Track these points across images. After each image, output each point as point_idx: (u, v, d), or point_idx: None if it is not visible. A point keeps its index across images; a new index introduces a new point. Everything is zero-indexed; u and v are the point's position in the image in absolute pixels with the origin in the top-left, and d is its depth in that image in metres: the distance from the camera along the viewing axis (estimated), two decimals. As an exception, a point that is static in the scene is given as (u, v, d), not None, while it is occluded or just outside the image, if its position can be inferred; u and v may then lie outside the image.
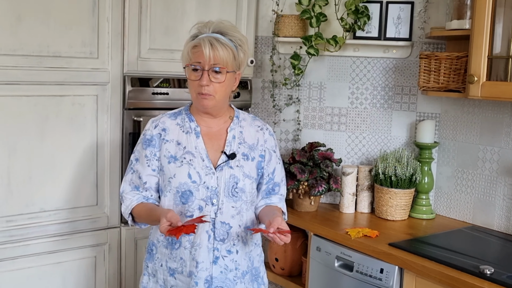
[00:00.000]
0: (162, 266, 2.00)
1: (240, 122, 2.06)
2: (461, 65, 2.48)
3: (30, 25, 2.35)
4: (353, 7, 2.78)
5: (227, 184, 1.95)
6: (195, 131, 1.99)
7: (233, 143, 2.00)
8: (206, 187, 1.93)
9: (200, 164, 1.94)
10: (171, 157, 1.96)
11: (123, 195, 2.03)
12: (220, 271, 1.95)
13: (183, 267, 1.95)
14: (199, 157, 1.95)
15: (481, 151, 2.69)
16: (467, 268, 2.08)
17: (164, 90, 2.75)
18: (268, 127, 2.11)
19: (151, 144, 1.99)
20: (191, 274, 1.94)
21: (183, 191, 1.93)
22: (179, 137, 1.98)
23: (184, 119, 2.02)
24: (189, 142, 1.97)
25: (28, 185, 2.43)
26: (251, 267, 2.05)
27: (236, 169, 1.97)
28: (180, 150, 1.96)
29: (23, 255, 2.44)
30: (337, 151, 3.03)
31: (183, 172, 1.93)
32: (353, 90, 3.01)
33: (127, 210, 2.01)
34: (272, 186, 2.08)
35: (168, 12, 2.73)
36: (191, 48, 1.89)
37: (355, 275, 2.44)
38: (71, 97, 2.51)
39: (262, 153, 2.05)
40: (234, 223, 1.97)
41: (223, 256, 1.95)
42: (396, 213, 2.77)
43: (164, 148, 1.97)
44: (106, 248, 2.68)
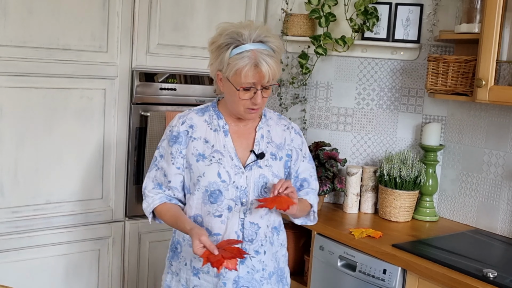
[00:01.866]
0: (186, 265, 1.95)
1: (268, 120, 2.01)
2: (469, 69, 2.49)
3: (41, 17, 2.37)
4: (362, 8, 2.78)
5: (256, 184, 1.90)
6: (224, 129, 1.93)
7: (261, 142, 1.96)
8: (235, 187, 1.88)
9: (229, 163, 1.89)
10: (199, 155, 1.90)
11: (145, 192, 1.97)
12: (247, 271, 1.91)
13: (209, 267, 1.85)
14: (228, 156, 1.90)
15: (487, 155, 2.70)
16: (470, 271, 2.09)
17: (172, 86, 2.76)
18: (293, 126, 2.06)
19: (177, 141, 1.92)
20: (219, 275, 1.89)
21: (212, 190, 1.88)
22: (206, 135, 1.92)
23: (212, 116, 1.96)
24: (218, 141, 1.92)
25: (34, 177, 2.45)
26: (277, 268, 2.01)
27: (265, 168, 1.92)
28: (208, 148, 1.91)
29: (27, 246, 2.46)
30: (342, 151, 3.04)
31: (212, 171, 1.88)
32: (360, 90, 3.02)
33: (149, 208, 1.94)
34: (300, 183, 2.04)
35: (178, 8, 2.74)
36: (246, 70, 1.78)
37: (358, 275, 2.44)
38: (80, 90, 2.52)
39: (289, 153, 2.01)
40: (263, 224, 1.93)
41: (250, 257, 1.91)
42: (400, 215, 2.78)
43: (191, 145, 1.91)
44: (110, 242, 2.69)
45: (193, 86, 2.82)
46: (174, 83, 2.77)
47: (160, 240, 2.82)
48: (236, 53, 1.80)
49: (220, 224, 1.88)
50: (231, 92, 1.86)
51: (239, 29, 1.82)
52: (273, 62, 1.81)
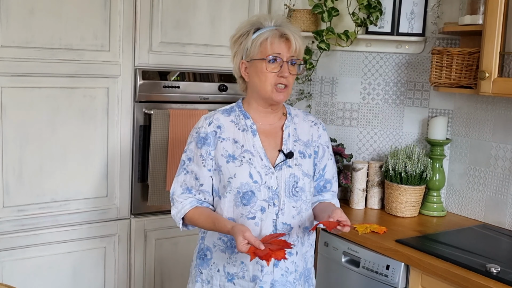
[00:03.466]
0: (219, 272, 1.90)
1: (293, 118, 1.98)
2: (473, 61, 2.45)
3: (43, 18, 2.39)
4: (365, 2, 2.76)
5: (287, 184, 1.87)
6: (252, 128, 1.89)
7: (288, 142, 1.93)
8: (267, 187, 1.84)
9: (259, 163, 1.85)
10: (229, 156, 1.86)
11: (174, 197, 1.92)
12: (281, 274, 1.88)
13: (245, 271, 1.86)
14: (258, 156, 1.86)
15: (494, 148, 2.66)
16: (473, 267, 2.06)
17: (175, 84, 2.77)
18: (321, 122, 2.04)
19: (206, 142, 1.87)
20: (255, 279, 1.85)
21: (244, 192, 1.83)
22: (235, 135, 1.89)
23: (239, 116, 1.92)
24: (247, 140, 1.88)
25: (39, 176, 2.47)
26: (305, 268, 1.99)
27: (295, 168, 1.89)
28: (238, 148, 1.87)
29: (33, 244, 2.49)
30: (348, 147, 3.02)
31: (244, 172, 1.84)
32: (365, 85, 2.99)
33: (179, 214, 1.89)
34: (324, 183, 2.01)
35: (180, 5, 2.74)
36: (272, 38, 1.80)
37: (361, 271, 2.43)
38: (83, 89, 2.54)
39: (316, 149, 1.98)
40: (295, 224, 1.89)
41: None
42: (406, 210, 2.75)
43: (220, 146, 1.87)
44: (115, 239, 2.71)
45: (196, 84, 2.82)
46: (178, 80, 2.77)
47: (166, 238, 2.83)
48: (258, 34, 1.83)
49: (254, 226, 1.83)
50: (258, 71, 1.84)
51: (258, 19, 1.87)
52: (297, 35, 1.83)
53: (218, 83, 2.87)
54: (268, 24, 1.84)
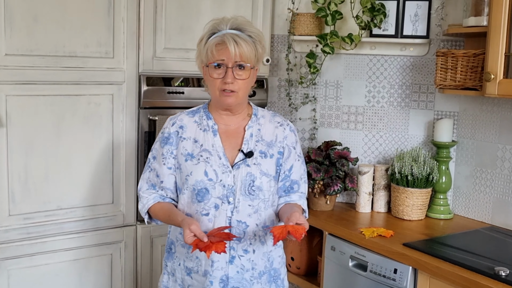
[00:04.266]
0: (180, 265, 1.99)
1: (259, 119, 2.02)
2: (478, 63, 2.44)
3: (47, 25, 2.39)
4: (368, 5, 2.75)
5: (243, 182, 1.92)
6: (213, 129, 1.97)
7: (250, 141, 1.98)
8: (222, 185, 1.91)
9: (217, 162, 1.92)
10: (188, 155, 1.94)
11: (140, 193, 2.03)
12: (237, 271, 1.93)
13: (199, 266, 1.94)
14: (216, 155, 1.93)
15: (500, 150, 2.64)
16: (482, 270, 2.05)
17: (180, 89, 2.77)
18: (289, 123, 2.06)
19: (168, 142, 1.97)
20: (206, 273, 1.92)
21: (199, 189, 1.91)
22: (196, 135, 1.97)
23: (202, 116, 2.00)
24: (206, 140, 1.95)
25: (45, 183, 2.47)
26: (269, 268, 2.01)
27: (253, 167, 1.94)
28: (197, 147, 1.95)
29: (40, 252, 2.48)
30: (354, 150, 3.01)
31: (199, 170, 1.92)
32: (370, 88, 2.98)
33: (144, 209, 2.00)
34: (290, 184, 2.03)
35: (183, 11, 2.74)
36: (214, 45, 1.86)
37: (369, 275, 2.42)
38: (87, 96, 2.54)
39: (281, 150, 2.00)
40: (251, 222, 1.93)
41: (239, 256, 1.93)
42: (413, 213, 2.74)
43: (181, 146, 1.96)
44: (122, 246, 2.71)
45: (201, 89, 2.81)
46: (182, 86, 2.77)
47: (172, 244, 2.83)
48: (209, 40, 1.88)
49: (207, 223, 1.90)
50: (207, 76, 1.92)
51: (217, 22, 1.91)
52: (243, 42, 1.85)
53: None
54: (223, 28, 1.89)
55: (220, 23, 1.90)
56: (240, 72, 1.88)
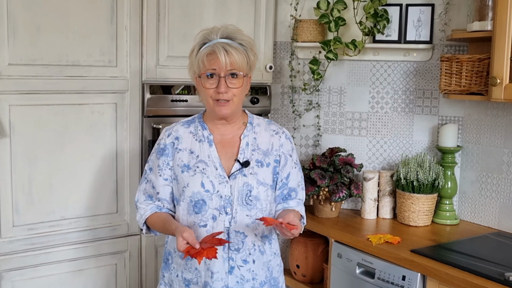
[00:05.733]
0: (178, 277, 1.98)
1: (254, 128, 2.01)
2: (483, 68, 2.43)
3: (50, 35, 2.38)
4: (372, 11, 2.75)
5: (240, 193, 1.91)
6: (208, 139, 1.96)
7: (246, 151, 1.96)
8: (219, 196, 1.90)
9: (213, 173, 1.91)
10: (184, 166, 1.94)
11: (137, 204, 2.02)
12: (236, 281, 1.92)
13: (198, 277, 1.93)
14: (212, 166, 1.92)
15: (506, 154, 2.63)
16: (491, 275, 2.03)
17: (183, 97, 2.76)
18: (284, 131, 2.05)
19: (164, 153, 1.97)
20: (207, 285, 1.91)
21: (196, 201, 1.90)
22: (192, 146, 1.96)
23: (197, 127, 1.99)
24: (202, 151, 1.95)
25: (48, 193, 2.45)
26: (269, 277, 2.00)
27: (250, 176, 1.93)
28: (193, 159, 1.94)
29: (44, 263, 2.46)
30: (358, 156, 2.99)
31: (196, 181, 1.91)
32: (373, 94, 2.98)
33: (141, 219, 2.00)
34: (288, 191, 2.01)
35: (186, 19, 2.74)
36: (205, 56, 1.85)
37: (377, 282, 2.40)
38: (91, 105, 2.53)
39: (277, 158, 1.99)
40: (250, 232, 1.92)
41: (238, 266, 1.92)
42: (419, 219, 2.72)
43: (177, 157, 1.95)
44: (126, 256, 2.69)
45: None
46: (186, 94, 2.76)
47: (177, 253, 2.81)
48: (201, 49, 1.88)
49: (205, 234, 1.88)
50: (200, 86, 1.92)
51: (208, 31, 1.91)
52: (233, 50, 1.85)
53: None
54: (213, 38, 1.88)
55: (211, 32, 1.90)
56: (234, 81, 1.87)
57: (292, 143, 2.06)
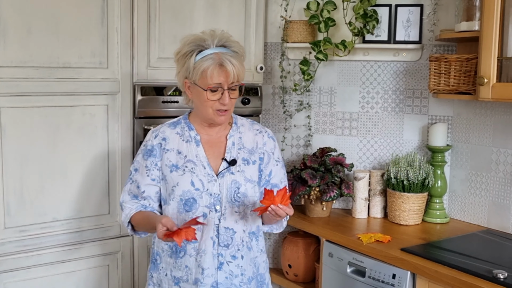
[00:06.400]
0: (167, 276, 2.01)
1: (239, 128, 2.07)
2: (471, 67, 2.46)
3: (40, 37, 2.39)
4: (361, 11, 2.77)
5: (229, 190, 1.96)
6: (195, 139, 2.00)
7: (232, 150, 2.02)
8: (209, 194, 1.95)
9: (202, 172, 1.96)
10: (173, 166, 1.98)
11: (123, 204, 2.04)
12: (225, 277, 1.96)
13: (188, 275, 1.96)
14: (201, 165, 1.97)
15: (495, 153, 2.66)
16: (480, 273, 2.05)
17: (174, 99, 2.77)
18: (267, 130, 2.11)
19: (152, 154, 2.00)
20: (197, 281, 1.94)
21: (186, 199, 1.94)
22: (179, 146, 2.00)
23: (184, 128, 2.04)
24: (190, 151, 1.99)
25: (40, 195, 2.46)
26: (256, 273, 2.05)
27: (237, 174, 1.98)
28: (181, 159, 1.98)
29: (36, 265, 2.46)
30: (349, 156, 3.01)
31: (186, 180, 1.95)
32: (363, 94, 3.00)
33: (126, 218, 2.01)
34: (270, 187, 2.05)
35: (177, 21, 2.75)
36: (214, 69, 1.86)
37: (368, 281, 2.42)
38: (82, 107, 2.53)
39: (261, 156, 2.05)
40: (238, 228, 1.98)
41: (227, 262, 1.96)
42: (409, 218, 2.74)
43: (165, 157, 1.99)
44: (119, 257, 2.69)
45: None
46: (176, 95, 2.77)
47: (169, 253, 2.82)
48: (200, 57, 1.89)
49: (196, 231, 1.87)
50: (199, 95, 1.93)
51: (202, 37, 1.92)
52: (237, 62, 1.90)
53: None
54: (210, 45, 1.90)
55: (205, 39, 1.91)
56: (234, 92, 1.94)
57: (275, 141, 2.12)
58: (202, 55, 1.89)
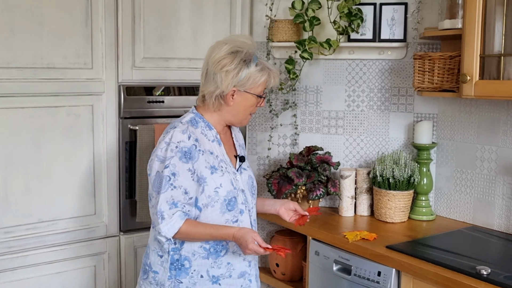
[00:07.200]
0: (203, 277, 1.97)
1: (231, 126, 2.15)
2: (455, 65, 2.47)
3: (24, 37, 2.38)
4: (345, 10, 2.78)
5: (248, 185, 2.07)
6: (217, 138, 2.02)
7: (237, 147, 2.13)
8: (241, 191, 2.03)
9: (231, 171, 2.01)
10: (212, 167, 1.95)
11: (164, 214, 1.88)
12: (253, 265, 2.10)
13: (231, 270, 2.01)
14: (229, 164, 2.02)
15: (479, 150, 2.67)
16: (463, 269, 2.06)
17: (160, 98, 2.77)
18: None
19: (190, 156, 1.91)
20: (244, 274, 2.04)
21: (229, 199, 1.97)
22: (209, 147, 1.98)
23: (204, 127, 2.00)
24: (217, 150, 2.00)
25: (25, 196, 2.45)
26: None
27: (248, 169, 2.11)
28: (215, 159, 1.97)
29: (22, 266, 2.46)
30: (335, 155, 3.02)
31: (227, 180, 1.97)
32: (349, 92, 3.01)
33: (172, 229, 1.88)
34: None
35: (162, 20, 2.75)
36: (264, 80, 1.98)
37: (353, 279, 2.42)
38: (67, 107, 2.53)
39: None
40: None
41: None
42: (395, 215, 2.75)
43: (202, 159, 1.93)
44: (105, 257, 2.69)
45: (181, 98, 2.82)
46: (162, 95, 2.77)
47: (157, 253, 2.82)
48: (255, 69, 1.96)
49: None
50: (245, 101, 1.98)
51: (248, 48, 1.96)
52: None
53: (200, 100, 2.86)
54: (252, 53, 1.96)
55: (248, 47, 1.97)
56: None
57: None
58: (256, 67, 1.96)
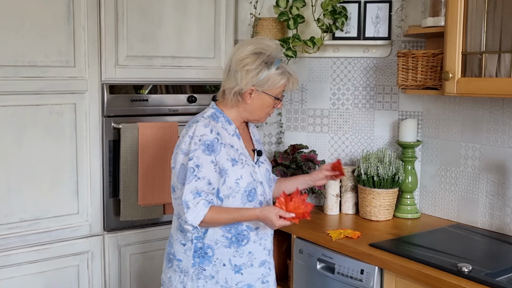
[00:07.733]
0: (226, 265, 2.06)
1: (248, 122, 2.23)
2: (438, 62, 2.47)
3: (4, 35, 2.36)
4: (329, 8, 2.77)
5: (266, 177, 2.15)
6: (236, 133, 2.10)
7: (254, 141, 2.21)
8: (260, 183, 2.11)
9: (250, 163, 2.09)
10: (233, 160, 2.04)
11: (188, 204, 1.95)
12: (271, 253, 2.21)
13: (253, 259, 2.09)
14: (248, 157, 2.10)
15: (463, 148, 2.68)
16: (445, 267, 2.06)
17: (144, 97, 2.76)
18: None
19: (213, 148, 2.00)
20: (264, 263, 2.13)
21: (250, 190, 2.06)
22: (230, 140, 2.07)
23: (224, 122, 2.09)
24: (237, 144, 2.08)
25: (7, 195, 2.43)
26: None
27: (265, 163, 2.19)
28: (236, 152, 2.06)
29: (3, 266, 2.44)
30: (321, 153, 3.02)
31: (247, 172, 2.05)
32: (334, 91, 3.00)
33: (198, 217, 1.95)
34: None
35: (145, 18, 2.73)
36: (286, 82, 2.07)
37: (337, 277, 2.42)
38: (49, 106, 2.51)
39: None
40: None
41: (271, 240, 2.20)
42: (380, 214, 2.75)
43: (224, 151, 2.02)
44: (89, 256, 2.68)
45: (164, 96, 2.81)
46: (145, 93, 2.75)
47: (141, 252, 2.81)
48: (276, 72, 2.03)
49: None
50: (263, 101, 2.07)
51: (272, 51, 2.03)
52: None
53: (187, 95, 2.86)
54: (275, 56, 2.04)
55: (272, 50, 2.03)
56: None
57: None
58: (277, 70, 2.03)
